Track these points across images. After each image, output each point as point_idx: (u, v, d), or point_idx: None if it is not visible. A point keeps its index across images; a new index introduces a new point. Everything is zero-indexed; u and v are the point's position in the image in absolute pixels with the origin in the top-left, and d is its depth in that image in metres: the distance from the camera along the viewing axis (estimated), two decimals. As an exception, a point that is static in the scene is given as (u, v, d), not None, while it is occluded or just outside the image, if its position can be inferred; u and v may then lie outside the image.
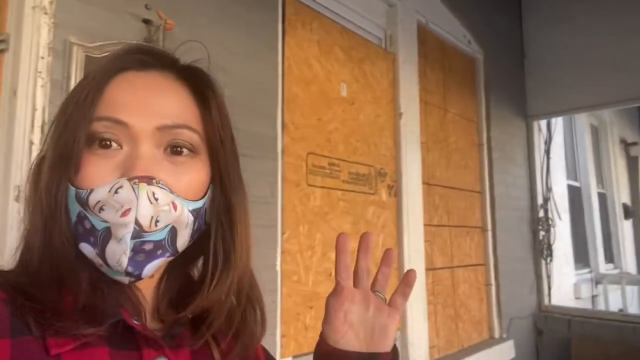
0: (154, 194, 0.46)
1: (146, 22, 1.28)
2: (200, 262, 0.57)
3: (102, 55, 1.20)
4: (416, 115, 2.38)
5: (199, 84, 0.54)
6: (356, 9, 2.17)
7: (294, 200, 1.71)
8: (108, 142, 0.47)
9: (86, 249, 0.47)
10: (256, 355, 0.62)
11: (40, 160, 0.50)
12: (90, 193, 0.46)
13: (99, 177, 0.46)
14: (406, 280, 0.65)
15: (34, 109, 1.10)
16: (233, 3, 1.55)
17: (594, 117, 5.34)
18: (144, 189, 0.45)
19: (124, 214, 0.45)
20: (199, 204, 0.51)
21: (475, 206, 2.88)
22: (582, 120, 4.99)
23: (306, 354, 1.67)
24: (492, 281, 2.89)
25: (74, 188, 0.46)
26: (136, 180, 0.45)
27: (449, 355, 2.43)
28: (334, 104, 1.94)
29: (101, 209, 0.45)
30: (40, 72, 1.11)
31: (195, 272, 0.58)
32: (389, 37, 2.35)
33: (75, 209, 0.47)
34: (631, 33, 3.07)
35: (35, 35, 1.11)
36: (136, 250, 0.46)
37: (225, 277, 0.53)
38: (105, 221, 0.45)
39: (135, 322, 0.47)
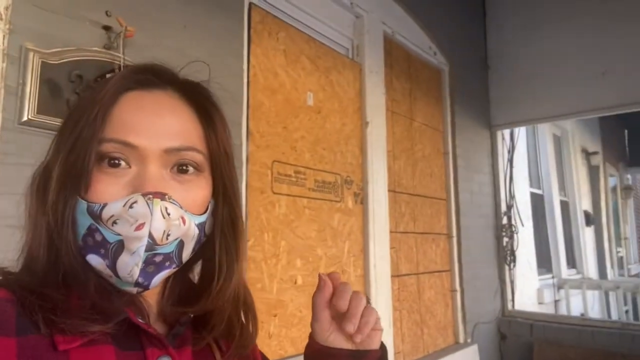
0: (166, 209, 0.48)
1: (106, 28, 1.27)
2: (197, 267, 0.61)
3: (60, 61, 1.18)
4: (382, 124, 2.42)
5: (202, 103, 0.56)
6: (323, 19, 2.20)
7: (258, 207, 1.71)
8: (117, 161, 0.49)
9: (95, 260, 0.49)
10: (254, 357, 0.65)
11: (43, 171, 0.52)
12: (103, 207, 0.48)
13: (111, 192, 0.48)
14: (354, 304, 0.62)
15: (-13, 115, 1.08)
16: (197, 11, 1.55)
17: (556, 127, 5.53)
18: (158, 204, 0.48)
19: (138, 227, 0.47)
20: (203, 218, 0.54)
21: (440, 213, 2.94)
22: (545, 130, 5.17)
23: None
24: (457, 287, 2.95)
25: (85, 202, 0.48)
26: (150, 196, 0.48)
27: (414, 361, 2.47)
28: (300, 113, 1.96)
29: (115, 222, 0.47)
30: (-6, 77, 1.09)
31: (195, 276, 0.62)
32: (355, 47, 2.39)
33: (85, 221, 0.48)
34: (591, 47, 3.21)
35: (-10, 41, 1.09)
36: (147, 262, 0.49)
37: (229, 283, 0.56)
38: (119, 234, 0.48)
39: (140, 320, 0.49)
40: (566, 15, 3.35)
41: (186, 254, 0.53)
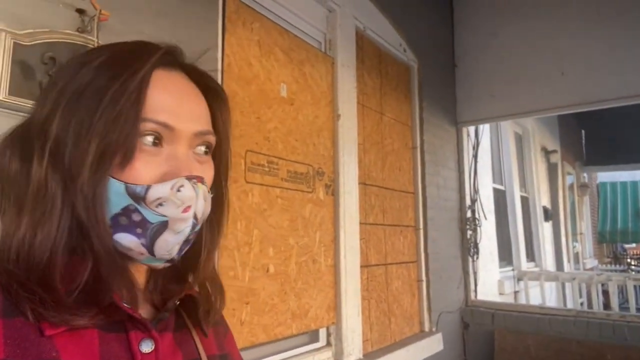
0: (204, 192, 0.53)
1: (80, 11, 1.25)
2: None
3: (32, 43, 1.16)
4: (354, 118, 2.47)
5: (209, 85, 0.59)
6: (297, 12, 2.22)
7: (231, 196, 1.73)
8: (152, 139, 0.51)
9: (127, 239, 0.50)
10: (225, 329, 0.69)
11: (55, 145, 0.48)
12: (148, 189, 0.49)
13: (148, 173, 0.50)
14: None
15: (-45, 96, 1.06)
16: (172, -2, 1.55)
17: (518, 125, 5.74)
18: (201, 188, 0.52)
19: (185, 210, 0.50)
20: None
21: (408, 206, 3.02)
22: (507, 128, 5.36)
23: (241, 349, 1.69)
24: (423, 277, 3.04)
25: (122, 182, 0.49)
26: (195, 180, 0.51)
27: (382, 349, 2.53)
28: (274, 104, 1.98)
29: (160, 204, 0.49)
30: (-37, 57, 1.07)
31: None
32: (328, 41, 2.43)
33: (120, 201, 0.49)
34: (552, 48, 3.36)
35: (-41, 19, 1.06)
36: (187, 240, 0.53)
37: (211, 258, 0.61)
38: (164, 215, 0.49)
39: (125, 305, 0.50)
40: (529, 16, 3.49)
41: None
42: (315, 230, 2.15)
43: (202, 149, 0.56)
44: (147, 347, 0.51)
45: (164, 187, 0.49)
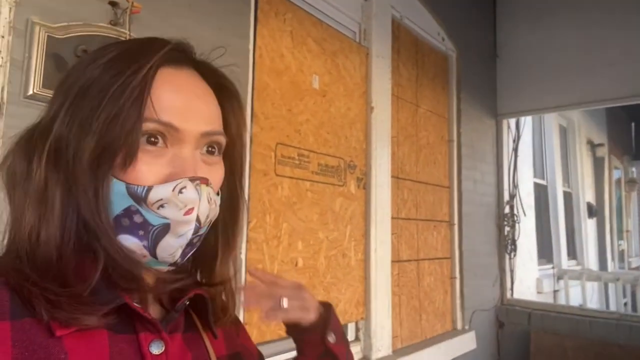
0: (209, 194, 0.51)
1: (113, 4, 1.26)
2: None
3: (66, 36, 1.18)
4: (387, 110, 2.41)
5: (223, 86, 0.57)
6: (331, 2, 2.18)
7: (261, 189, 1.72)
8: (156, 140, 0.49)
9: (129, 240, 0.49)
10: (238, 332, 0.67)
11: (57, 141, 0.48)
12: (149, 190, 0.47)
13: (151, 174, 0.48)
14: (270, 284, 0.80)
15: (-8, 89, 1.08)
16: (204, -11, 1.54)
17: (562, 117, 5.50)
18: (205, 190, 0.50)
19: (188, 212, 0.49)
20: (219, 197, 0.56)
21: (443, 201, 2.94)
22: (551, 121, 5.14)
23: (269, 342, 1.70)
24: (457, 274, 2.97)
25: (122, 182, 0.47)
26: (198, 182, 0.49)
27: (412, 345, 2.49)
28: (305, 96, 1.95)
29: (161, 206, 0.48)
30: (0, 51, 1.09)
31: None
32: (363, 31, 2.37)
33: (122, 202, 0.48)
34: (600, 38, 3.17)
35: (-4, 13, 1.09)
36: (190, 244, 0.51)
37: (225, 265, 0.59)
38: (166, 218, 0.48)
39: (136, 305, 0.49)
40: (576, 6, 3.30)
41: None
42: (346, 224, 2.12)
43: (211, 149, 0.54)
44: (157, 348, 0.50)
45: (166, 189, 0.48)
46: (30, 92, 1.11)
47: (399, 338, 2.41)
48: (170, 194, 0.48)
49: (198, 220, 0.50)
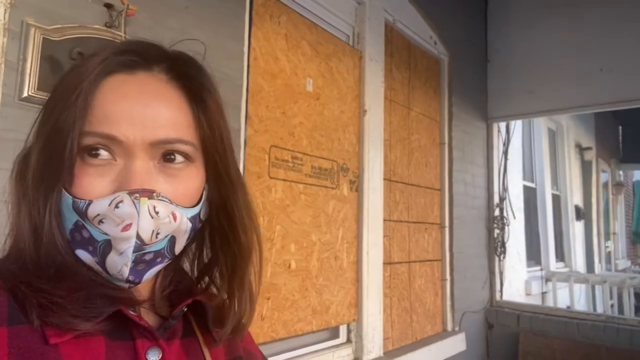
0: (154, 207, 0.46)
1: (108, 6, 1.26)
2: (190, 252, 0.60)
3: (61, 38, 1.17)
4: (380, 113, 2.43)
5: (192, 83, 0.52)
6: (325, 5, 2.19)
7: (254, 192, 1.72)
8: (101, 153, 0.47)
9: (84, 256, 0.47)
10: (242, 338, 0.65)
11: (24, 159, 0.49)
12: (88, 205, 0.45)
13: (96, 188, 0.46)
14: None
15: (-14, 90, 1.08)
16: (200, -8, 1.54)
17: (551, 121, 5.56)
18: (145, 203, 0.46)
19: (125, 228, 0.45)
20: (196, 209, 0.52)
21: (434, 203, 2.96)
22: (540, 124, 5.20)
23: (261, 344, 1.70)
24: (447, 276, 2.99)
25: (70, 196, 0.46)
26: (137, 195, 0.45)
27: (403, 347, 2.51)
28: (299, 99, 1.96)
29: (101, 221, 0.46)
30: (-6, 52, 1.08)
31: (186, 261, 0.61)
32: (356, 35, 2.38)
33: (71, 217, 0.46)
34: (590, 44, 3.22)
35: (-10, 14, 1.08)
36: (137, 261, 0.47)
37: (236, 273, 0.56)
38: (106, 233, 0.46)
39: (131, 312, 0.48)
40: (566, 11, 3.35)
41: (179, 247, 0.52)
42: (338, 227, 2.13)
43: (170, 157, 0.49)
44: (154, 355, 0.49)
45: (103, 203, 0.45)
46: (25, 94, 1.11)
47: (390, 340, 2.43)
48: (106, 208, 0.45)
49: (139, 237, 0.46)
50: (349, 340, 2.21)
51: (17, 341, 0.42)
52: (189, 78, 0.52)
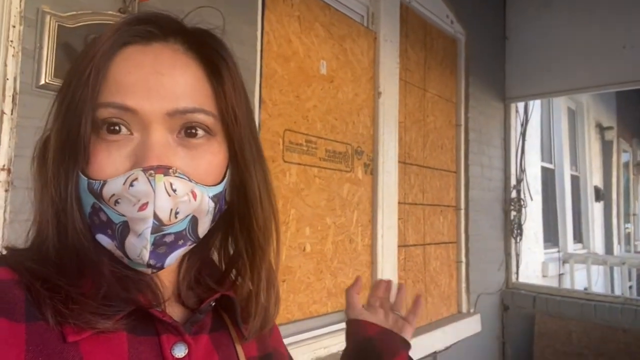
0: (171, 185, 0.43)
1: (121, -8, 1.26)
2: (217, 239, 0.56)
3: (76, 25, 1.18)
4: (395, 95, 2.40)
5: (210, 55, 0.49)
6: (339, -15, 2.15)
7: (269, 176, 1.73)
8: (117, 128, 0.44)
9: (104, 240, 0.45)
10: (270, 332, 0.62)
11: (44, 142, 0.47)
12: (103, 185, 0.43)
13: (112, 166, 0.43)
14: (416, 304, 0.81)
15: (5, 78, 1.09)
16: (212, -25, 1.53)
17: (571, 100, 5.44)
18: (161, 180, 0.42)
19: (142, 208, 0.42)
20: (219, 188, 0.48)
21: (450, 186, 2.94)
22: (560, 104, 5.08)
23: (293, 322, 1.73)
24: (463, 258, 2.99)
25: (85, 178, 0.44)
26: (152, 172, 0.42)
27: (417, 329, 2.52)
28: (313, 82, 1.95)
29: (116, 202, 0.43)
30: (11, 41, 1.10)
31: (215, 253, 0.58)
32: (371, 15, 2.35)
33: (88, 200, 0.44)
34: (610, 20, 3.12)
35: (7, 3, 1.09)
36: (157, 243, 0.44)
37: (255, 262, 0.53)
38: (123, 214, 0.43)
39: (155, 310, 0.45)
40: (589, -15, 3.24)
41: (202, 229, 0.48)
42: (353, 210, 2.14)
43: (191, 131, 0.46)
44: (180, 351, 0.46)
45: (118, 182, 0.43)
46: (43, 81, 1.12)
47: (404, 321, 2.45)
48: (121, 187, 0.42)
49: (156, 217, 0.43)
50: (363, 322, 2.23)
51: (35, 338, 0.40)
52: (207, 49, 0.49)
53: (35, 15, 1.12)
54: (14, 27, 1.09)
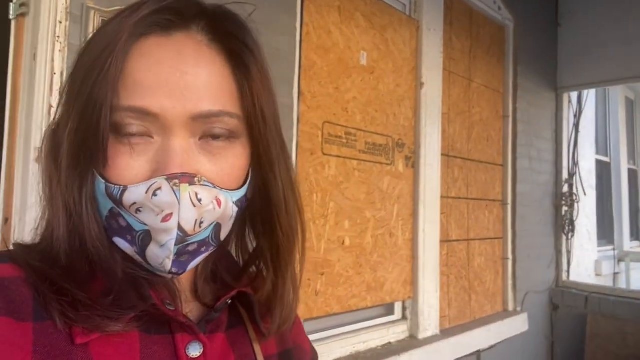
0: (197, 194, 0.41)
1: (162, -14, 1.27)
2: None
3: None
4: (438, 85, 2.33)
5: (236, 46, 0.45)
6: (380, -27, 2.10)
7: (308, 168, 1.72)
8: (134, 131, 0.41)
9: (122, 244, 0.43)
10: (291, 330, 0.60)
11: (54, 137, 0.44)
12: (123, 191, 0.41)
13: (132, 171, 0.41)
14: None
15: (52, 73, 1.13)
16: (251, -33, 1.52)
17: (630, 89, 5.12)
18: (186, 190, 0.40)
19: (165, 219, 0.40)
20: (242, 191, 0.46)
21: (496, 179, 2.84)
22: (617, 93, 4.80)
23: (315, 319, 1.72)
24: (509, 255, 2.88)
25: (103, 182, 0.41)
26: (176, 181, 0.40)
27: (460, 326, 2.46)
28: (353, 73, 1.91)
29: (138, 210, 0.41)
30: (58, 36, 1.13)
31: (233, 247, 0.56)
32: (413, 3, 2.28)
33: (106, 204, 0.42)
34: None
35: (54, 0, 1.13)
36: (180, 253, 0.43)
37: (279, 265, 0.51)
38: (145, 224, 0.41)
39: (168, 307, 0.44)
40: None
41: (224, 234, 0.47)
42: (393, 204, 2.10)
43: (217, 134, 0.43)
44: (195, 350, 0.45)
45: (140, 190, 0.40)
46: (87, 76, 1.15)
47: (447, 318, 2.39)
48: (144, 196, 0.40)
49: (181, 228, 0.41)
50: (404, 317, 2.20)
51: (43, 339, 0.38)
52: (232, 39, 0.45)
53: (80, 11, 1.15)
54: (60, 22, 1.13)
